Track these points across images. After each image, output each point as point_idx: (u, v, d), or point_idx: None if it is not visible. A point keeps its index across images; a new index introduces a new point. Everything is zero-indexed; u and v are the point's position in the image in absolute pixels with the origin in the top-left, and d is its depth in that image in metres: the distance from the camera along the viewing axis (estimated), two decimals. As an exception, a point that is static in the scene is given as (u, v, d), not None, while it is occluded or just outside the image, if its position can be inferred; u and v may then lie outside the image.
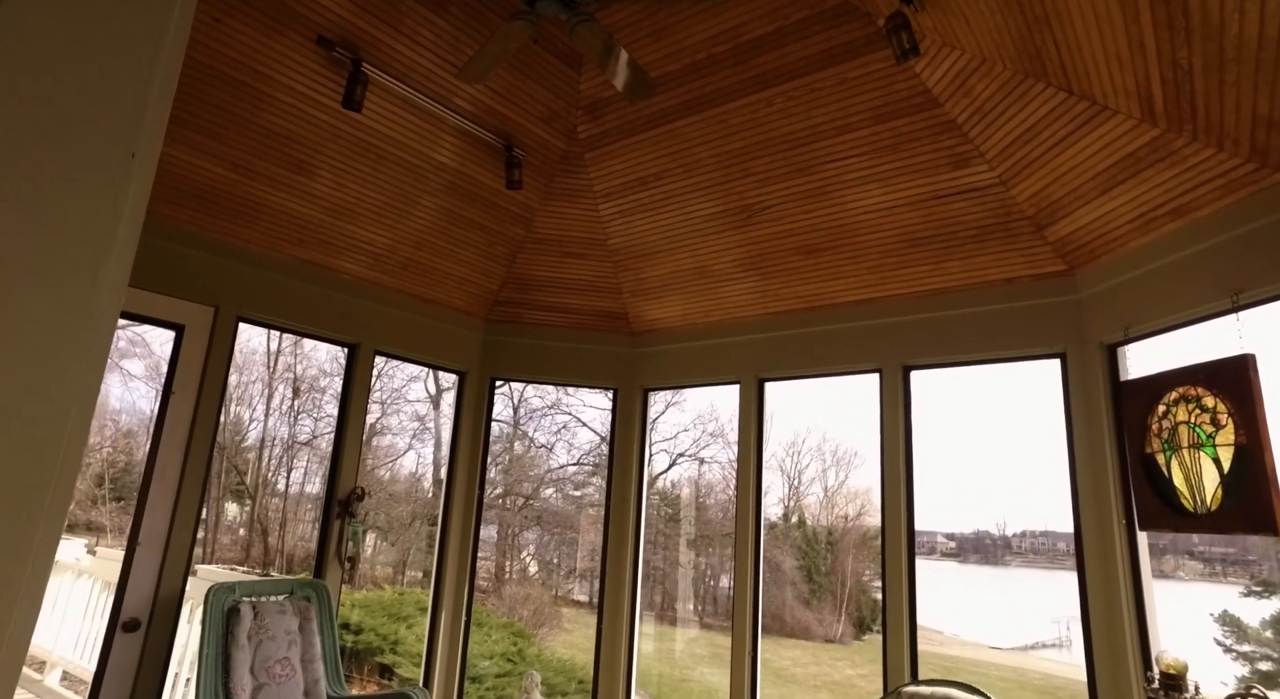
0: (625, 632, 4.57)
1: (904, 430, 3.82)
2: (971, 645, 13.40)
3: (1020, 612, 13.41)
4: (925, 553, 14.29)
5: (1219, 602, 10.61)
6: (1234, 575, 11.39)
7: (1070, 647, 12.50)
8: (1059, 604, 12.80)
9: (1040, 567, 13.52)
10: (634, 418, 4.85)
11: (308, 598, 3.90)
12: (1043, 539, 13.80)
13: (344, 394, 4.28)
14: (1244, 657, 9.98)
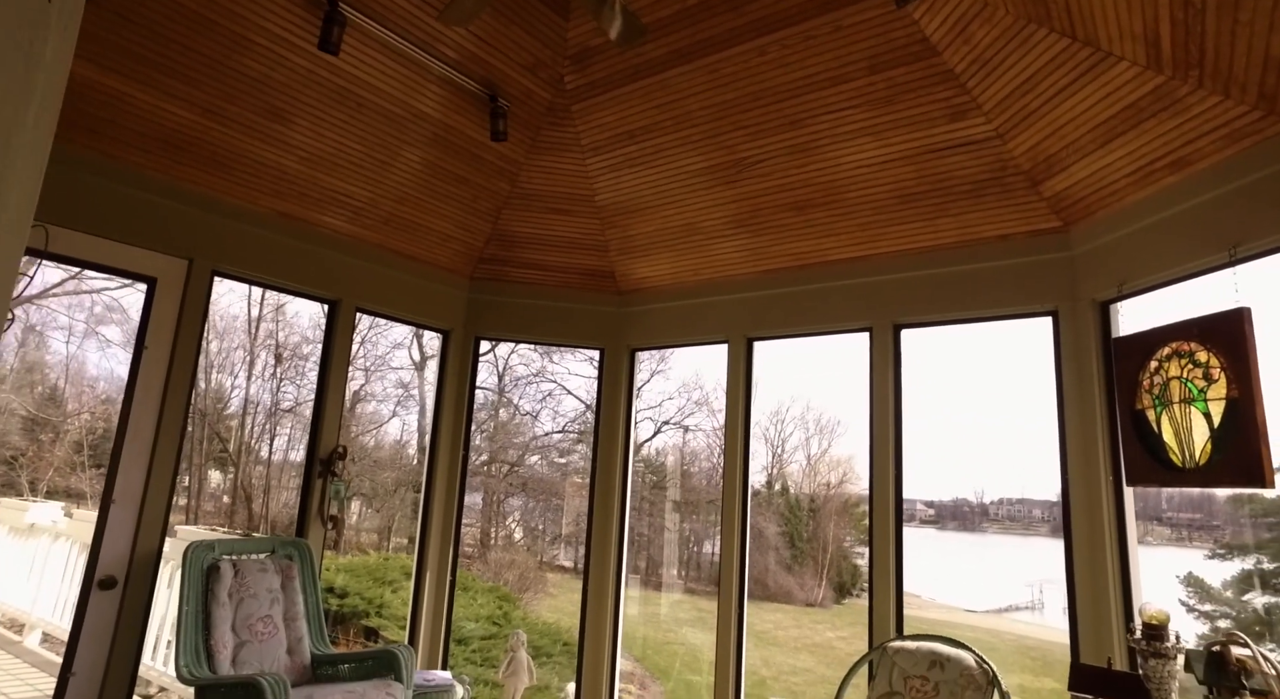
0: (611, 595, 4.55)
1: (894, 390, 3.78)
2: (947, 609, 13.64)
3: (995, 576, 13.65)
4: (905, 520, 14.39)
5: (1185, 565, 10.97)
6: (1199, 540, 11.78)
7: (1043, 609, 12.75)
8: (1032, 569, 13.05)
9: (1016, 533, 13.73)
10: (620, 378, 4.78)
11: (290, 556, 3.83)
12: (1019, 507, 14.01)
13: (325, 352, 4.17)
14: (1205, 616, 10.45)
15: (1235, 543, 11.34)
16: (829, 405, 13.65)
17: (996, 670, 3.01)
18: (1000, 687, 2.96)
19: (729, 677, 4.02)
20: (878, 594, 3.64)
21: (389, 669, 3.48)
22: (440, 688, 3.62)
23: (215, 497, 12.22)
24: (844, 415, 13.69)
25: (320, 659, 3.64)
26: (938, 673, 3.13)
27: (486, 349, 12.91)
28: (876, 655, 3.38)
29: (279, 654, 3.50)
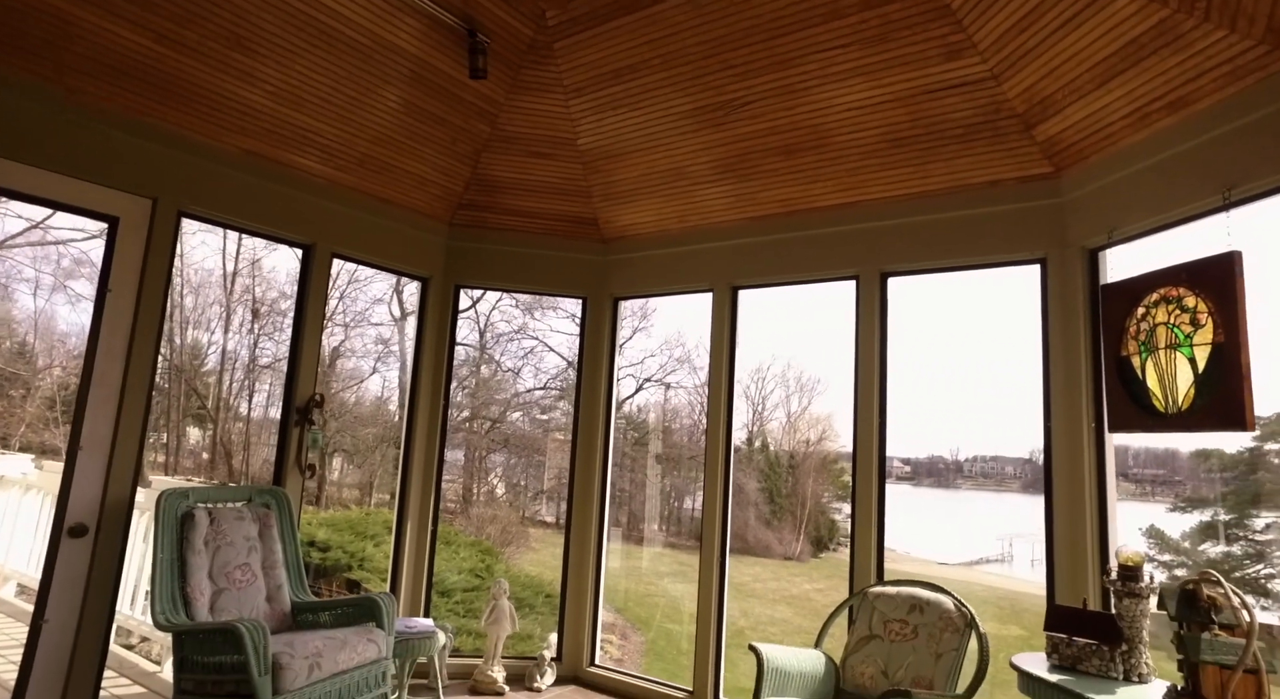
0: (592, 548, 4.54)
1: (879, 339, 3.74)
2: (921, 562, 13.95)
3: (967, 531, 13.95)
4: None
5: (1148, 518, 11.39)
6: (1161, 495, 12.22)
7: (1011, 561, 13.08)
8: (1003, 523, 13.33)
9: (988, 489, 14.02)
10: (603, 327, 4.70)
11: (267, 505, 3.76)
12: (992, 464, 14.28)
13: (300, 299, 4.04)
14: (1164, 565, 10.96)
15: (1195, 497, 11.81)
16: (809, 364, 13.71)
17: (974, 613, 3.03)
18: (978, 628, 2.98)
19: (710, 627, 4.04)
20: (859, 543, 3.65)
21: (370, 616, 3.45)
22: (422, 634, 3.60)
23: (194, 453, 12.09)
24: (824, 374, 13.76)
25: (300, 607, 3.60)
26: (917, 616, 3.15)
27: (467, 305, 12.76)
28: (857, 600, 3.40)
29: (258, 602, 3.45)
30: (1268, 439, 10.40)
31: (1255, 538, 10.93)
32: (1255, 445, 10.49)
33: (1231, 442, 11.49)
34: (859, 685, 3.16)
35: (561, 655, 4.47)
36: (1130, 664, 2.61)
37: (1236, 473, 11.43)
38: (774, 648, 3.14)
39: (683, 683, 4.18)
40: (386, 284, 12.33)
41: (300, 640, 3.09)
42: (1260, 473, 10.61)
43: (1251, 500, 10.66)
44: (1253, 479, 10.69)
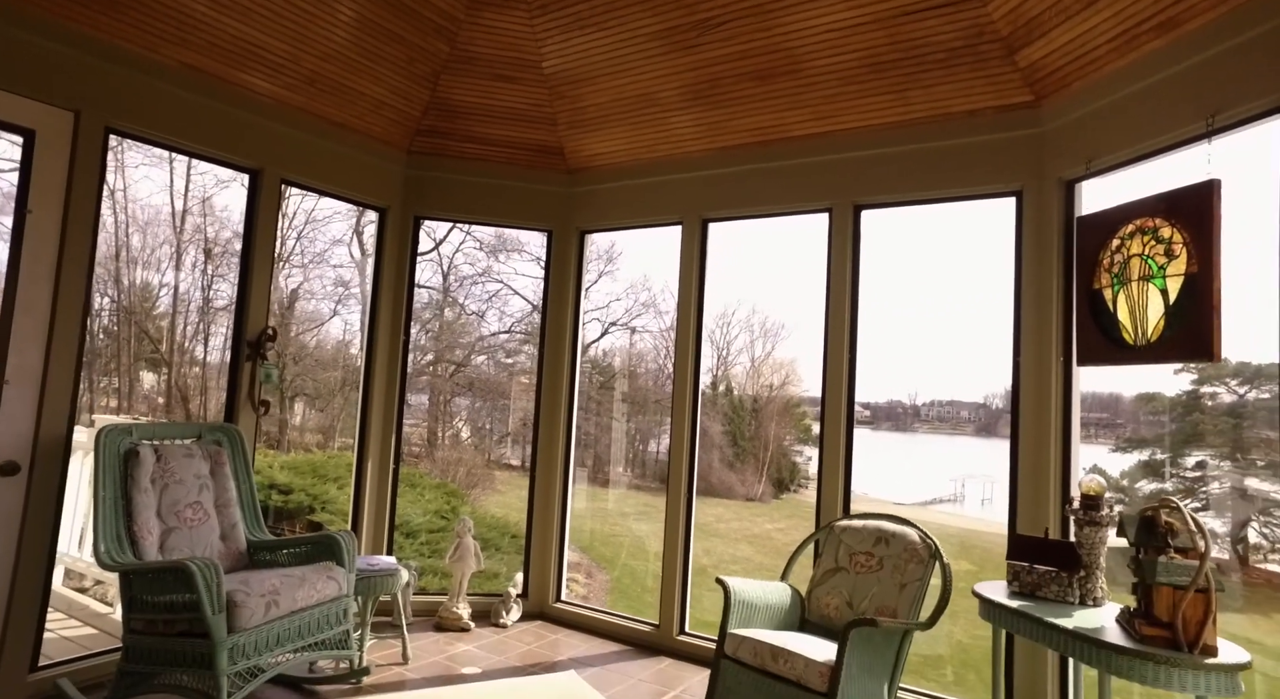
0: (559, 484, 4.47)
1: (851, 274, 3.65)
2: (878, 502, 14.32)
3: (923, 472, 14.33)
4: (841, 420, 14.90)
5: (1092, 458, 11.87)
6: (1104, 437, 12.72)
7: (963, 501, 13.49)
8: (956, 465, 13.70)
9: (944, 433, 14.35)
10: (569, 262, 4.53)
11: (218, 442, 3.59)
12: (948, 408, 14.56)
13: (248, 226, 3.79)
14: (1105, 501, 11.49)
15: (1136, 438, 12.36)
16: (774, 309, 13.72)
17: (938, 545, 3.04)
18: (941, 559, 2.99)
19: (676, 564, 4.03)
20: (826, 479, 3.63)
21: (330, 554, 3.34)
22: (384, 572, 3.52)
23: (149, 398, 11.71)
24: (788, 319, 13.79)
25: (257, 545, 3.48)
26: (882, 548, 3.15)
27: (430, 246, 12.43)
28: (824, 534, 3.39)
29: (211, 540, 3.32)
30: (1204, 383, 10.73)
31: (1186, 475, 11.48)
32: (1193, 388, 10.87)
33: (1171, 385, 11.88)
34: (824, 616, 3.17)
35: (528, 592, 4.44)
36: (1086, 589, 2.64)
37: (1174, 415, 11.91)
38: (740, 581, 3.13)
39: (648, 618, 4.19)
40: (346, 224, 11.91)
41: (256, 578, 2.98)
42: (1195, 415, 11.01)
43: (1186, 441, 11.14)
44: (1188, 421, 11.14)
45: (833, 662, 2.64)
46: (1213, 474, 10.99)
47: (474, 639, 3.97)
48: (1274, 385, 9.41)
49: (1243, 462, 10.31)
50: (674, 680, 3.58)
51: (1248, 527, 9.87)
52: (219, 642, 2.70)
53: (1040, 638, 2.48)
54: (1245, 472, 10.14)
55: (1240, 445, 10.31)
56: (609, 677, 3.57)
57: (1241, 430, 10.28)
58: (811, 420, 14.34)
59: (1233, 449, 10.41)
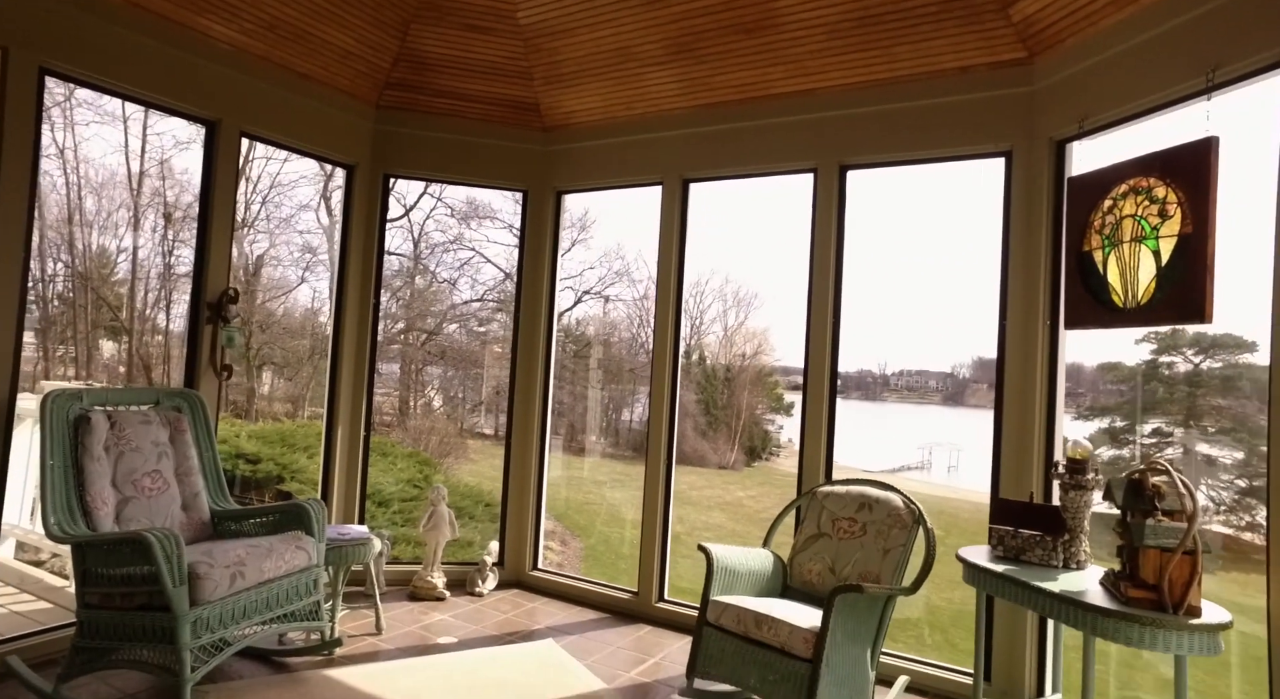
0: (535, 450, 4.36)
1: (836, 237, 3.54)
2: (847, 469, 14.45)
3: (891, 440, 14.53)
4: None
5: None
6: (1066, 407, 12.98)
7: (930, 468, 13.70)
8: (924, 433, 13.88)
9: (912, 402, 14.53)
10: (546, 224, 4.37)
11: (178, 408, 3.40)
12: (916, 378, 14.72)
13: (205, 182, 3.56)
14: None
15: (1097, 406, 12.68)
16: (747, 279, 13.66)
17: (923, 510, 2.99)
18: (925, 524, 2.95)
19: (655, 532, 3.96)
20: (809, 445, 3.57)
21: (298, 523, 3.20)
22: (356, 541, 3.39)
23: (109, 367, 11.31)
24: (761, 289, 13.74)
25: (222, 515, 3.32)
26: (866, 514, 3.10)
27: (400, 213, 12.11)
28: (806, 500, 3.33)
29: (172, 510, 3.16)
30: (1163, 352, 10.95)
31: (1142, 442, 11.81)
32: (1152, 358, 11.11)
33: (1133, 355, 12.15)
34: (806, 582, 3.12)
35: (504, 560, 4.34)
36: (1070, 553, 2.61)
37: (1132, 384, 12.20)
38: (723, 547, 3.06)
39: (625, 585, 4.12)
40: (313, 189, 11.54)
41: (220, 549, 2.83)
42: (1153, 383, 11.26)
43: (1144, 409, 11.42)
44: (1147, 389, 11.41)
45: (817, 628, 2.59)
46: (1168, 441, 11.34)
47: (449, 608, 3.87)
48: (1227, 355, 9.60)
49: (1195, 428, 10.61)
50: (653, 647, 3.52)
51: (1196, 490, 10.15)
52: (181, 615, 2.56)
53: (1026, 602, 2.45)
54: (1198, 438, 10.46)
55: (1194, 413, 10.59)
56: (588, 645, 3.50)
57: (1195, 398, 10.55)
58: (784, 389, 14.42)
59: (1187, 416, 10.70)
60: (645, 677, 3.19)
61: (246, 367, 11.43)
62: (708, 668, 2.86)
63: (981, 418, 13.51)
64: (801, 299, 3.64)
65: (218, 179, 3.53)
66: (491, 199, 12.54)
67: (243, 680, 2.97)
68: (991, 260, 3.25)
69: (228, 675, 2.99)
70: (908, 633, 6.03)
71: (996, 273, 3.24)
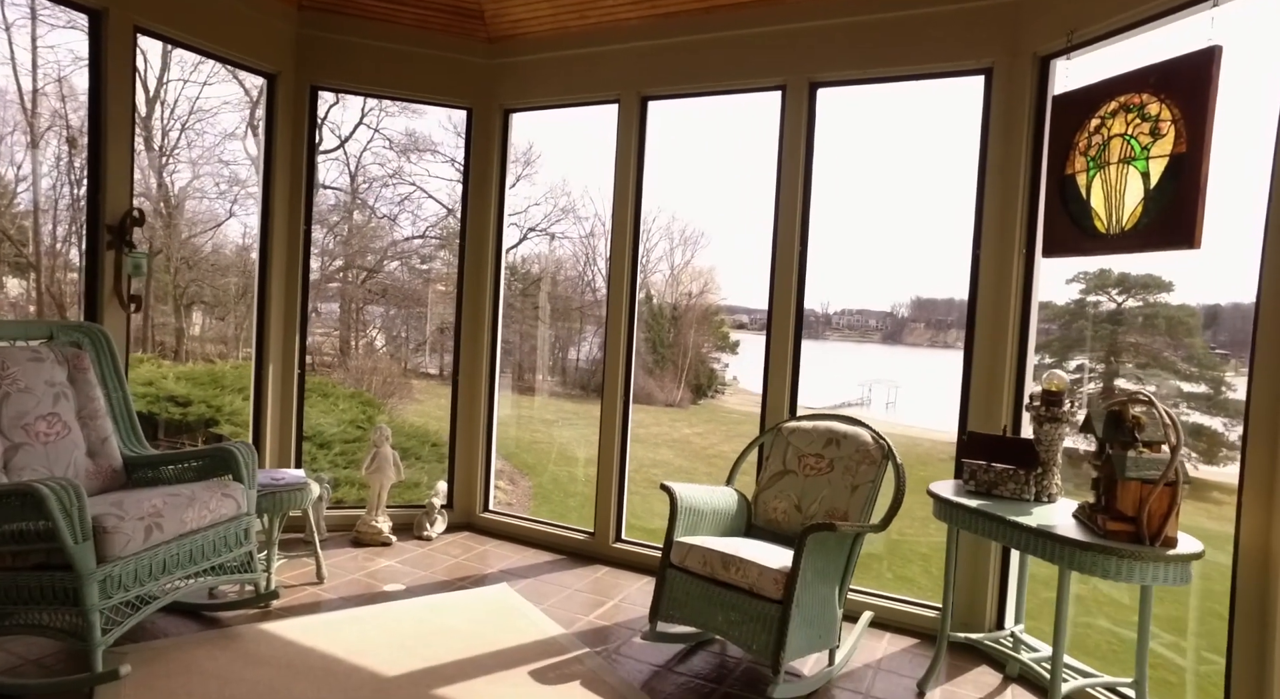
0: (484, 386, 4.08)
1: (804, 162, 3.28)
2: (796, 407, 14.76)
3: (832, 378, 14.75)
4: (757, 329, 15.11)
5: None
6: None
7: (869, 405, 13.98)
8: (864, 371, 14.12)
9: (853, 340, 14.74)
10: (493, 147, 3.97)
11: (77, 344, 2.98)
12: (858, 317, 14.90)
13: (94, 83, 3.05)
14: None
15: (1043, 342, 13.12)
16: (693, 217, 13.38)
17: (891, 445, 2.85)
18: (894, 459, 2.81)
19: (612, 471, 3.74)
20: (773, 380, 3.38)
21: (225, 468, 2.87)
22: (292, 486, 3.08)
23: (17, 306, 10.37)
24: (707, 227, 13.50)
25: (136, 462, 2.96)
26: (833, 450, 2.94)
27: (335, 144, 11.35)
28: (770, 436, 3.15)
29: (74, 458, 2.78)
30: (1090, 292, 11.24)
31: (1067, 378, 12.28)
32: (1080, 297, 11.42)
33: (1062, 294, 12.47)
34: (771, 520, 2.97)
35: (452, 502, 4.10)
36: (1042, 486, 2.51)
37: (1062, 322, 12.59)
38: (686, 486, 2.87)
39: (575, 524, 3.94)
40: (238, 116, 10.65)
41: (133, 500, 2.50)
42: (1080, 322, 11.63)
43: (1069, 346, 11.81)
44: (1075, 327, 11.78)
45: (788, 569, 2.44)
46: (1090, 376, 11.79)
47: (396, 553, 3.62)
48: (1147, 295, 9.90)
49: (1115, 364, 11.05)
50: (612, 589, 3.36)
51: None
52: (85, 574, 2.24)
53: (999, 536, 2.34)
54: (1116, 373, 10.92)
55: (1115, 350, 11.00)
56: (544, 588, 3.31)
57: (1117, 336, 10.95)
58: (729, 328, 14.39)
59: (1108, 353, 11.11)
60: (604, 620, 3.02)
61: (174, 305, 10.72)
62: (671, 611, 2.70)
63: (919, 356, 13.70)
64: (749, 238, 3.46)
65: (109, 81, 3.02)
66: (431, 131, 11.84)
67: (168, 639, 2.68)
68: (953, 191, 3.07)
69: (150, 634, 2.70)
70: (869, 570, 6.09)
71: (958, 204, 3.06)
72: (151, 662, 2.50)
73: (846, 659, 2.75)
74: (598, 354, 13.07)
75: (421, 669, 2.54)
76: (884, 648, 2.91)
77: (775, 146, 3.30)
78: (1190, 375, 8.42)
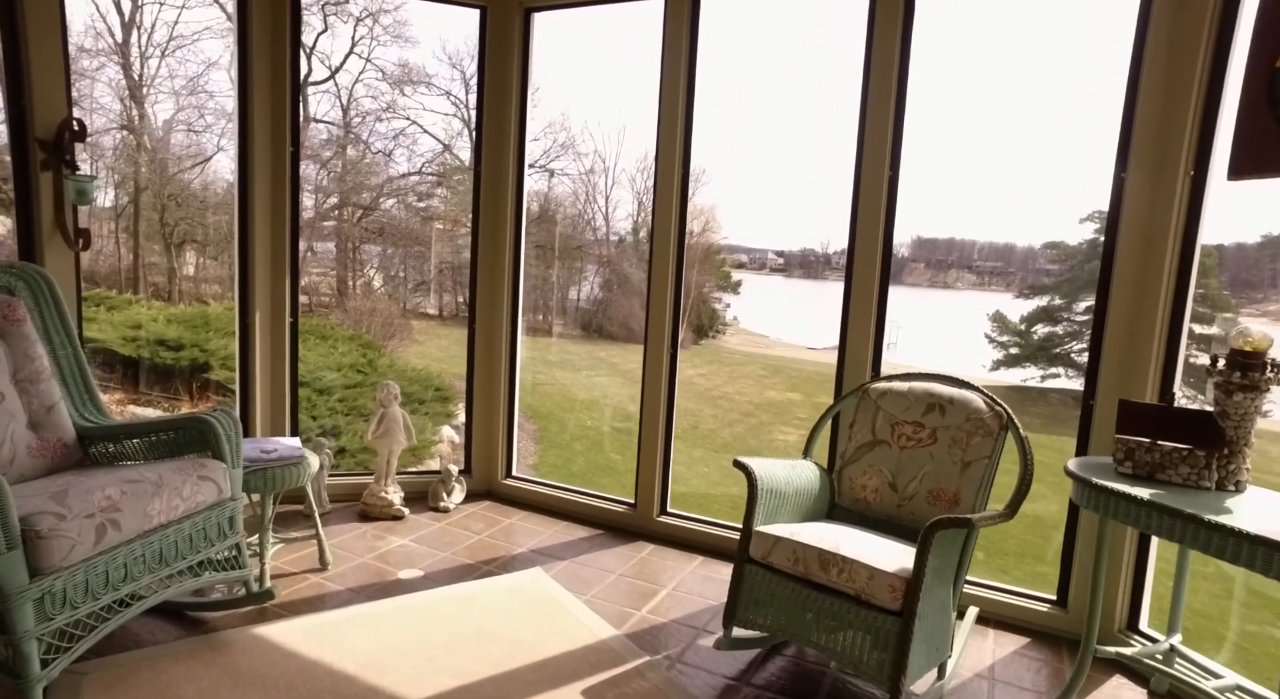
0: (505, 343, 3.46)
1: (900, 58, 2.58)
2: (793, 347, 14.29)
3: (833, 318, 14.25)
4: (756, 268, 14.49)
5: (993, 305, 12.04)
6: (995, 285, 12.89)
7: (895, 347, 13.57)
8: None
9: (852, 281, 14.16)
10: (511, 54, 3.22)
11: (8, 290, 2.31)
12: (857, 257, 14.33)
13: (5, -46, 2.28)
14: (1000, 344, 11.88)
15: (1036, 285, 12.48)
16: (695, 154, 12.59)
17: (1011, 412, 2.27)
18: (1017, 431, 2.23)
19: (657, 435, 3.15)
20: (853, 334, 2.77)
21: (201, 443, 2.26)
22: (287, 461, 2.47)
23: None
24: (709, 164, 12.71)
25: (93, 433, 2.34)
26: (936, 417, 2.35)
27: (325, 75, 10.37)
28: (854, 400, 2.55)
29: (12, 431, 2.15)
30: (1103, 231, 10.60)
31: (1075, 319, 11.73)
32: (1094, 237, 10.78)
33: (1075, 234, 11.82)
34: (859, 500, 2.41)
35: (470, 467, 3.52)
36: (1229, 471, 1.93)
37: (1073, 263, 11.97)
38: (764, 463, 2.28)
39: (609, 492, 3.38)
40: (221, 44, 9.63)
41: (81, 489, 1.89)
42: (1094, 262, 11.02)
43: (1083, 287, 11.22)
44: (1088, 267, 11.17)
45: (907, 573, 1.89)
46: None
47: (409, 529, 3.05)
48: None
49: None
50: (661, 574, 2.81)
51: None
52: (11, 593, 1.65)
53: (1183, 536, 1.77)
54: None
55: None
56: (582, 572, 2.76)
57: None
58: (730, 267, 13.78)
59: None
60: (659, 615, 2.49)
61: (164, 244, 9.98)
62: (751, 615, 2.16)
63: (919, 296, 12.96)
64: (750, 175, 2.78)
65: (24, -52, 2.25)
66: (426, 62, 10.86)
67: (139, 651, 2.12)
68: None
69: (119, 643, 2.14)
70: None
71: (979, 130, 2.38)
72: (115, 686, 1.94)
73: (955, 668, 2.24)
74: (599, 294, 12.41)
75: (453, 689, 2.00)
76: (991, 650, 2.40)
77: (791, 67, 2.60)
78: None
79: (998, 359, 11.69)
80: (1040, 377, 11.59)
